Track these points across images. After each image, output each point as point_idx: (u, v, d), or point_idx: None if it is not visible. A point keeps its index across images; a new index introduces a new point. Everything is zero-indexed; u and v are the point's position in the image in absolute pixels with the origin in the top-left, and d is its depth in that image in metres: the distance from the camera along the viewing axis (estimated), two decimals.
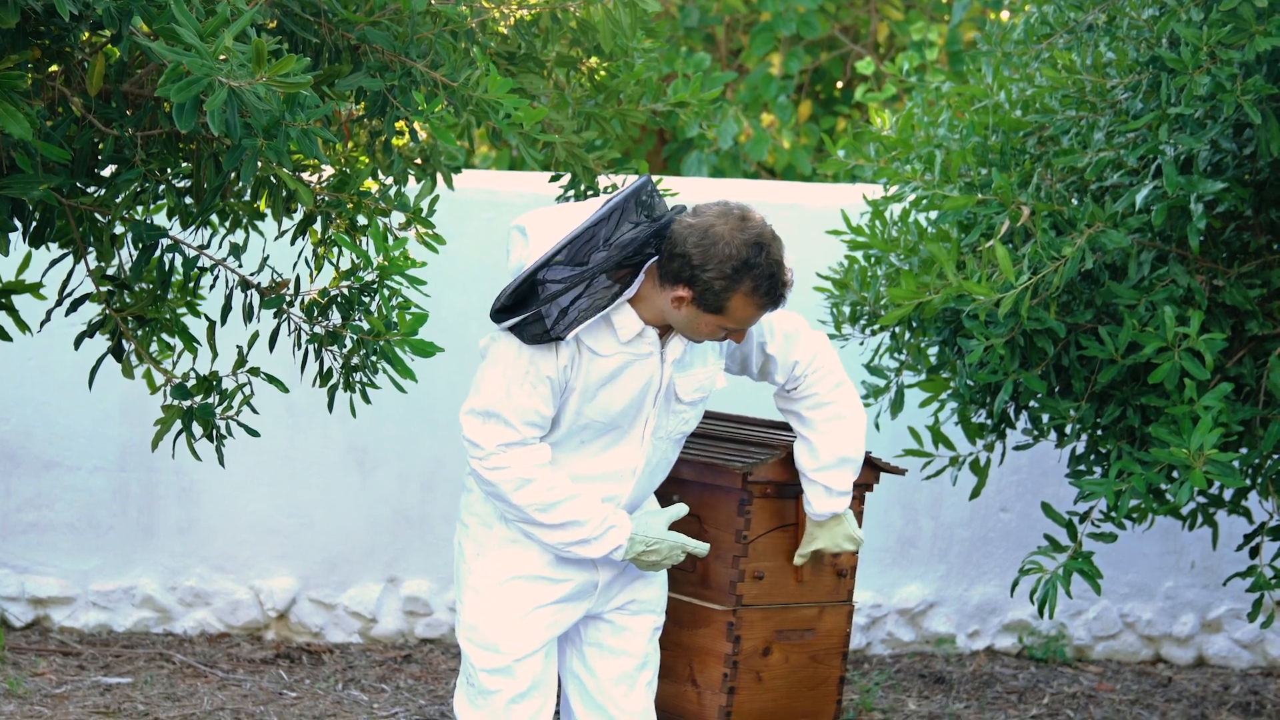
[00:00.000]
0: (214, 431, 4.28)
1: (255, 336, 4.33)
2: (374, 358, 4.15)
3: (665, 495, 4.09)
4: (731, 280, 3.59)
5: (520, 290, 3.63)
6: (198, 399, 4.24)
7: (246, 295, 4.32)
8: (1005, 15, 8.40)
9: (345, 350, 4.26)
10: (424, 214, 4.18)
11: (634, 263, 3.67)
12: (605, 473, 3.80)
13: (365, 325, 4.13)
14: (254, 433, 4.39)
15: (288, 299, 4.27)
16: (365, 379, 4.31)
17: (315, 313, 4.25)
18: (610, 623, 3.91)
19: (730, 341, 3.83)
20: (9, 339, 4.03)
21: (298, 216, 4.33)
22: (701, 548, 3.85)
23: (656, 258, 3.68)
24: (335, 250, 4.34)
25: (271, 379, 4.32)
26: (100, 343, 4.27)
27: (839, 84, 10.12)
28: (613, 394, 3.73)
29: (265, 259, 4.39)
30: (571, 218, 3.67)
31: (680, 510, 3.85)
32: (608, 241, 3.61)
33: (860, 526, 4.17)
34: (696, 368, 3.83)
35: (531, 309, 3.62)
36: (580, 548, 3.75)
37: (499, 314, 3.68)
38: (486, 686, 3.81)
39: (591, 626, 3.92)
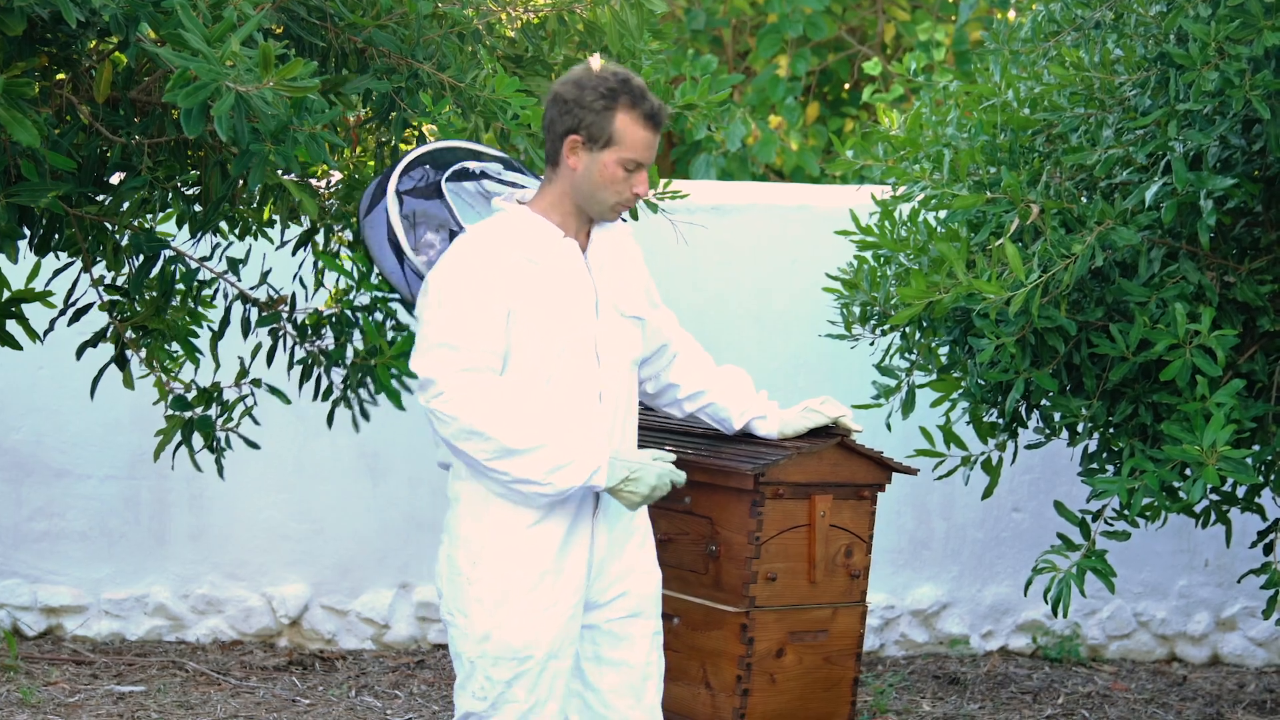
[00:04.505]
0: (214, 443, 4.27)
1: (258, 348, 4.33)
2: (366, 379, 4.15)
3: (677, 496, 4.08)
4: (609, 99, 3.66)
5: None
6: (198, 410, 4.24)
7: (245, 309, 4.33)
8: (1012, 15, 8.39)
9: (344, 368, 4.27)
10: None
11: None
12: (571, 402, 3.72)
13: (359, 346, 4.13)
14: (254, 445, 4.39)
15: (284, 316, 4.28)
16: (365, 396, 4.32)
17: (309, 332, 4.25)
18: (608, 634, 3.84)
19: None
20: (19, 347, 4.04)
21: (303, 226, 4.34)
22: (680, 476, 3.75)
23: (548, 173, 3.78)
24: (335, 265, 4.35)
25: (274, 390, 4.33)
26: (104, 352, 4.28)
27: (846, 85, 10.12)
28: (559, 308, 3.69)
29: (266, 274, 4.39)
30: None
31: (663, 455, 3.78)
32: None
33: (873, 528, 4.17)
34: (626, 270, 3.84)
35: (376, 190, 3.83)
36: (560, 475, 3.62)
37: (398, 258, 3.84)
38: (506, 698, 3.72)
39: (588, 640, 3.84)
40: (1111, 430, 4.74)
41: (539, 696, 3.73)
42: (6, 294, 4.02)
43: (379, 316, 4.21)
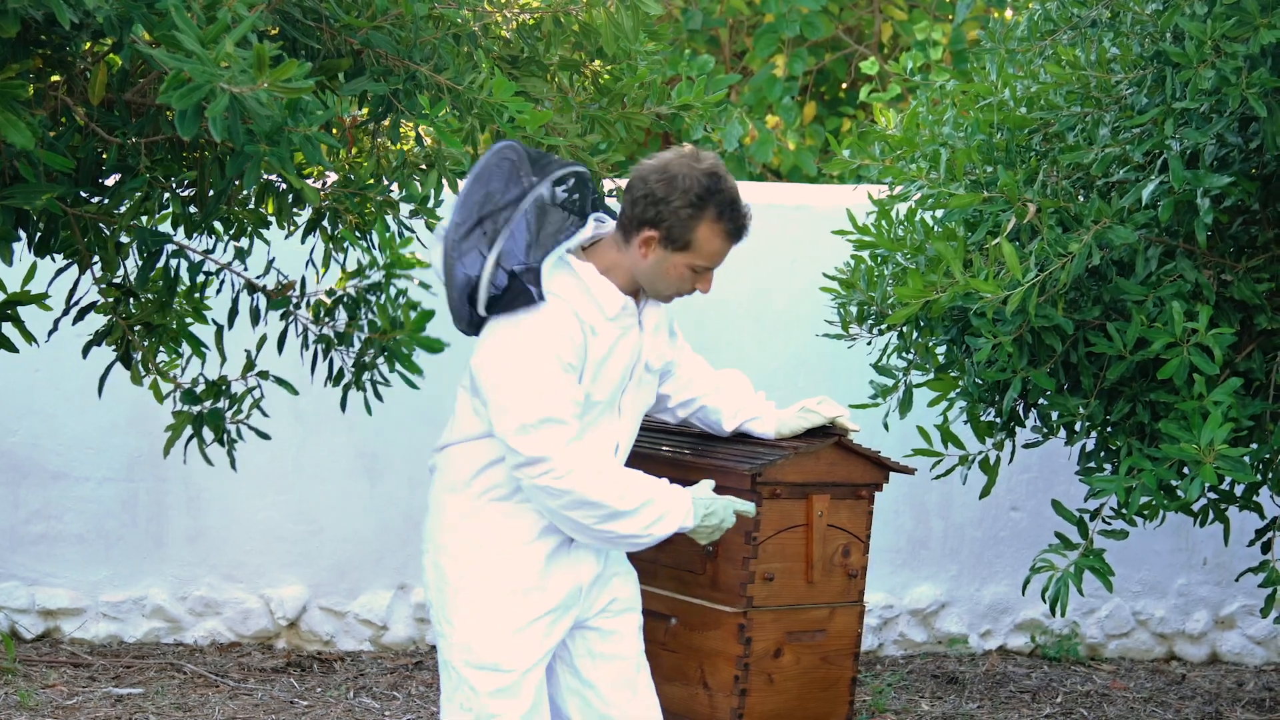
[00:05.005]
0: (224, 435, 4.28)
1: (263, 339, 4.33)
2: (383, 356, 4.14)
3: None
4: (697, 208, 3.64)
5: (470, 282, 3.66)
6: (207, 404, 4.24)
7: (253, 298, 4.33)
8: (1009, 14, 8.39)
9: (355, 350, 4.26)
10: (430, 204, 4.18)
11: (568, 206, 3.73)
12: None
13: (375, 323, 4.13)
14: (264, 435, 4.39)
15: (294, 300, 4.28)
16: (378, 377, 4.32)
17: (322, 313, 4.25)
18: (596, 629, 3.86)
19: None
20: (14, 350, 4.03)
21: (306, 215, 4.33)
22: (749, 506, 3.86)
23: (616, 222, 3.74)
24: (344, 248, 4.35)
25: (281, 381, 4.33)
26: (108, 351, 4.27)
27: (843, 85, 10.12)
28: (609, 370, 3.72)
29: (271, 261, 4.40)
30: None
31: (709, 483, 3.89)
32: (503, 197, 3.66)
33: (870, 527, 4.17)
34: (661, 333, 3.88)
35: (490, 278, 3.64)
36: (657, 526, 3.71)
37: (468, 308, 3.69)
38: (490, 711, 3.71)
39: (578, 639, 3.87)
40: (1109, 429, 4.73)
41: (522, 710, 3.73)
42: (2, 296, 4.01)
43: (393, 292, 4.21)
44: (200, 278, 4.26)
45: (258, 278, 4.36)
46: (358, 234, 4.35)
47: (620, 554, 3.93)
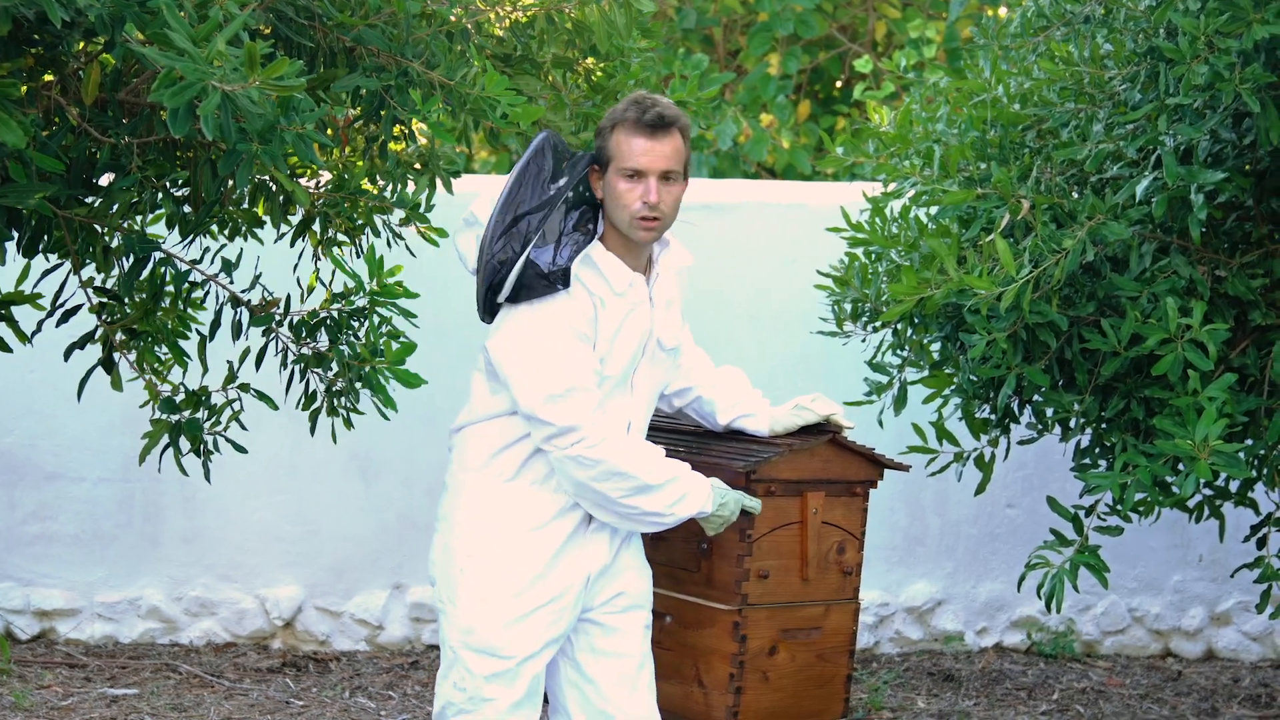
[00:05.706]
0: (201, 447, 4.26)
1: (246, 352, 4.32)
2: (358, 384, 4.14)
3: None
4: (611, 120, 3.75)
5: (499, 274, 3.68)
6: (186, 414, 4.22)
7: (236, 312, 4.31)
8: (1003, 11, 8.39)
9: (331, 373, 4.25)
10: (421, 209, 4.18)
11: (589, 203, 3.81)
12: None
13: (353, 350, 4.12)
14: (241, 449, 4.36)
15: (277, 318, 4.26)
16: (349, 404, 4.30)
17: (304, 334, 4.24)
18: (601, 625, 3.87)
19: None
20: (9, 350, 4.02)
21: (296, 219, 4.32)
22: (756, 503, 3.90)
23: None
24: (330, 271, 4.33)
25: (261, 395, 4.31)
26: (92, 354, 4.26)
27: (838, 83, 10.12)
28: (620, 345, 3.76)
29: (257, 277, 4.38)
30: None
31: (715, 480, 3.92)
32: (540, 196, 3.74)
33: (865, 524, 4.17)
34: (674, 310, 3.92)
35: (519, 276, 3.68)
36: (680, 506, 3.76)
37: (490, 298, 3.72)
38: (484, 694, 3.74)
39: (582, 632, 3.87)
40: (1104, 425, 4.73)
41: (515, 697, 3.74)
42: None
43: (376, 320, 4.20)
44: (184, 286, 4.24)
45: (243, 291, 4.35)
46: (346, 242, 4.34)
47: (636, 549, 3.93)
